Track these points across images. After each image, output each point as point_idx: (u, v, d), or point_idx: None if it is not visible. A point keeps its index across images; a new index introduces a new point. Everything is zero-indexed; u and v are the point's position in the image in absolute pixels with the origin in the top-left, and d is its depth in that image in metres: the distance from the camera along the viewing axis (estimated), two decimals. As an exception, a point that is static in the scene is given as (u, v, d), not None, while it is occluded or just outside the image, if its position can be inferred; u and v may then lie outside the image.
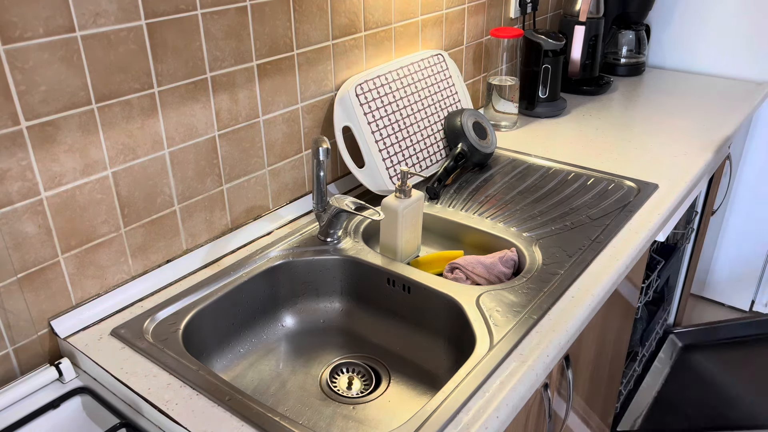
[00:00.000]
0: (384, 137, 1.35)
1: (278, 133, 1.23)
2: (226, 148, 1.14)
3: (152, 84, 0.99)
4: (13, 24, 0.81)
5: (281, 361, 1.13)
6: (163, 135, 1.03)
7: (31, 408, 0.87)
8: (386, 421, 1.01)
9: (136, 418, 0.87)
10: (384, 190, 1.34)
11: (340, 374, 1.10)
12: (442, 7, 1.56)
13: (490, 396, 0.86)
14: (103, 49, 0.91)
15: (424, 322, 1.13)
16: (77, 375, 0.94)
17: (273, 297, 1.18)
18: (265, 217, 1.26)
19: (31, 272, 0.92)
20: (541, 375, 0.92)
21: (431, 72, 1.49)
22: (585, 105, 1.93)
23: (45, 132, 0.88)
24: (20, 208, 0.88)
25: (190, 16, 1.01)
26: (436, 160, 1.47)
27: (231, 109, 1.13)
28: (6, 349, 0.92)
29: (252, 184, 1.22)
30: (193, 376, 0.89)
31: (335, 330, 1.19)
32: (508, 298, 1.05)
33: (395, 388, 1.07)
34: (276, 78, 1.19)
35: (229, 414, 0.83)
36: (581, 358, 1.19)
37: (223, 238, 1.19)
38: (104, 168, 0.97)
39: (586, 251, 1.17)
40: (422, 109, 1.45)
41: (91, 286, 1.01)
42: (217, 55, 1.07)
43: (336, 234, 1.22)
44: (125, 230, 1.03)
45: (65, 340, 0.96)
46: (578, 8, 1.91)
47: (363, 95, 1.32)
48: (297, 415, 1.01)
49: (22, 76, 0.84)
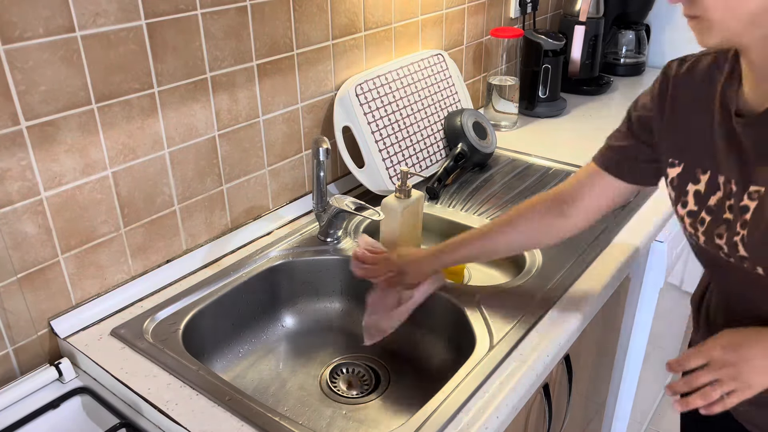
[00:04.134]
0: (384, 137, 1.35)
1: (278, 133, 1.23)
2: (226, 148, 1.14)
3: (152, 84, 0.99)
4: (13, 24, 0.81)
5: (281, 361, 1.13)
6: (163, 135, 1.03)
7: (31, 408, 0.87)
8: (386, 421, 1.01)
9: (136, 418, 0.87)
10: (384, 190, 1.34)
11: (340, 374, 1.10)
12: (442, 7, 1.56)
13: (490, 396, 0.86)
14: (103, 49, 0.91)
15: (424, 322, 1.13)
16: (77, 375, 0.94)
17: (273, 297, 1.17)
18: (265, 217, 1.26)
19: (31, 272, 0.92)
20: (541, 375, 0.92)
21: (431, 72, 1.49)
22: (585, 105, 1.93)
23: (45, 132, 0.88)
24: (20, 208, 0.88)
25: (190, 16, 1.01)
26: (436, 160, 1.47)
27: (231, 109, 1.13)
28: (6, 349, 0.92)
29: (252, 184, 1.22)
30: (193, 376, 0.89)
31: (335, 330, 1.19)
32: (508, 298, 1.05)
33: (395, 388, 1.07)
34: (276, 78, 1.19)
35: (229, 414, 0.83)
36: (581, 358, 1.19)
37: (223, 238, 1.19)
38: (104, 168, 0.97)
39: (587, 251, 1.17)
40: (422, 109, 1.45)
41: (91, 286, 1.00)
42: (217, 55, 1.07)
43: (336, 234, 1.22)
44: (125, 230, 1.03)
45: (65, 340, 0.96)
46: (578, 8, 1.91)
47: (363, 95, 1.32)
48: (297, 415, 1.01)
49: (22, 76, 0.84)
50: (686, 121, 0.83)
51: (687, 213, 0.84)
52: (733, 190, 0.77)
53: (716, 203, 0.80)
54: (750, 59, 0.73)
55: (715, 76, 0.80)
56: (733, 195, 0.77)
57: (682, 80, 0.84)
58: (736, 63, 0.78)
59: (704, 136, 0.81)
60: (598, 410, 1.49)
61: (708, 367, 0.77)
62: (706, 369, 0.77)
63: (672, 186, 0.87)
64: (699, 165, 0.82)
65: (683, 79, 0.84)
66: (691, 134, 0.83)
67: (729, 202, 0.78)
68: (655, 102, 0.87)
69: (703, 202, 0.82)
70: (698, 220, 0.83)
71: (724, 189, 0.79)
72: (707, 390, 0.76)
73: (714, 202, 0.80)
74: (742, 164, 0.76)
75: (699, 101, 0.81)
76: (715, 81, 0.80)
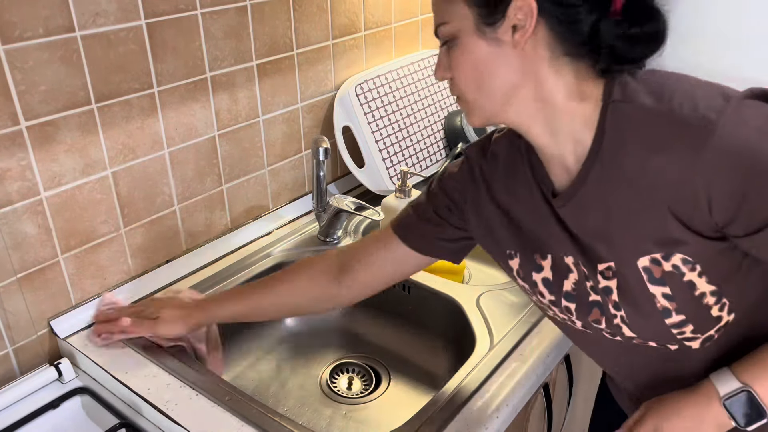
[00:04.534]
0: (384, 137, 1.35)
1: (278, 132, 1.23)
2: (226, 148, 1.14)
3: (152, 84, 0.99)
4: (13, 24, 0.81)
5: (281, 361, 1.12)
6: (162, 135, 1.03)
7: (31, 408, 0.87)
8: (386, 421, 1.01)
9: (136, 418, 0.87)
10: (384, 190, 1.34)
11: (340, 374, 1.10)
12: (442, 7, 1.56)
13: (490, 396, 0.86)
14: (103, 49, 0.91)
15: (424, 322, 1.13)
16: (77, 375, 0.94)
17: (273, 297, 1.17)
18: (265, 217, 1.26)
19: (31, 272, 0.92)
20: (541, 375, 0.92)
21: (431, 72, 1.49)
22: (585, 105, 1.92)
23: (45, 132, 0.88)
24: (20, 208, 0.88)
25: (190, 15, 1.01)
26: (436, 160, 1.47)
27: (231, 109, 1.13)
28: (6, 349, 0.92)
29: (252, 183, 1.22)
30: (193, 376, 0.89)
31: (335, 330, 1.19)
32: (509, 298, 1.05)
33: (395, 388, 1.07)
34: (276, 78, 1.19)
35: (229, 414, 0.83)
36: (581, 358, 1.19)
37: (223, 238, 1.19)
38: (104, 168, 0.97)
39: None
40: (422, 109, 1.45)
41: (90, 286, 1.00)
42: (217, 55, 1.07)
43: (336, 234, 1.22)
44: (125, 230, 1.03)
45: (65, 340, 0.96)
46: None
47: (363, 95, 1.32)
48: (297, 416, 1.01)
49: (22, 76, 0.84)
50: (508, 209, 0.76)
51: (549, 303, 0.77)
52: (585, 272, 0.71)
53: (574, 287, 0.73)
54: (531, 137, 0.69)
55: (518, 161, 0.75)
56: (589, 277, 0.71)
57: (488, 169, 0.78)
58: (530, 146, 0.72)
59: (531, 220, 0.74)
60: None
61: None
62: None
63: (520, 278, 0.78)
64: (536, 251, 0.75)
65: (489, 168, 0.78)
66: (517, 221, 0.76)
67: (589, 284, 0.71)
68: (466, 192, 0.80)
69: (557, 289, 0.74)
70: (563, 308, 0.75)
71: (577, 271, 0.72)
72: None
73: (570, 288, 0.73)
74: (579, 245, 0.70)
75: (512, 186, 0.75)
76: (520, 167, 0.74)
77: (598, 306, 0.72)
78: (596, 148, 0.65)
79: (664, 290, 0.66)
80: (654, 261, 0.65)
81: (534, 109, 0.66)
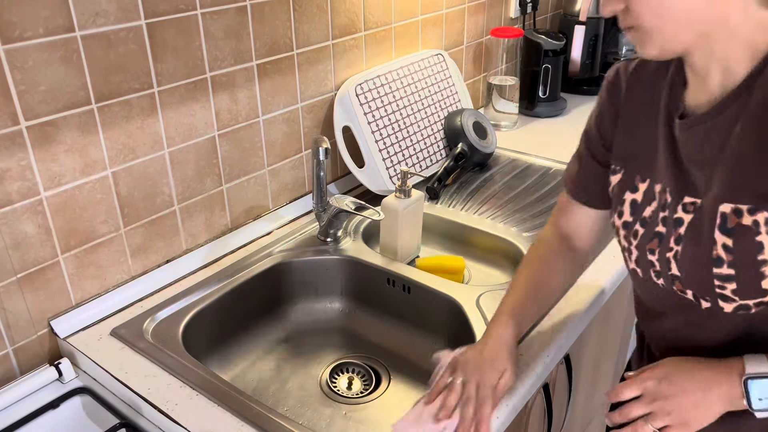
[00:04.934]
0: (384, 137, 1.35)
1: (278, 133, 1.23)
2: (226, 148, 1.14)
3: (152, 84, 0.99)
4: (13, 24, 0.81)
5: (281, 361, 1.12)
6: (162, 135, 1.03)
7: (31, 408, 0.87)
8: (386, 421, 1.00)
9: (136, 418, 0.87)
10: (384, 190, 1.34)
11: (340, 374, 1.10)
12: (442, 7, 1.56)
13: (490, 396, 0.86)
14: (103, 49, 0.91)
15: (424, 322, 1.13)
16: (77, 375, 0.94)
17: (273, 297, 1.17)
18: (265, 217, 1.26)
19: (30, 272, 0.92)
20: (541, 375, 0.92)
21: (431, 72, 1.49)
22: (585, 105, 1.92)
23: (45, 132, 0.88)
24: (20, 208, 0.88)
25: (190, 15, 1.01)
26: (436, 160, 1.47)
27: (231, 109, 1.13)
28: (6, 349, 0.92)
29: (252, 183, 1.22)
30: (193, 376, 0.89)
31: (335, 330, 1.19)
32: (508, 298, 1.05)
33: (395, 388, 1.07)
34: (276, 78, 1.19)
35: (229, 414, 0.83)
36: (581, 358, 1.19)
37: (222, 238, 1.19)
38: (104, 168, 0.97)
39: (586, 251, 1.16)
40: (422, 109, 1.45)
41: (90, 286, 1.00)
42: (217, 55, 1.07)
43: (336, 234, 1.22)
44: (125, 230, 1.03)
45: (65, 340, 0.96)
46: (578, 8, 1.91)
47: (363, 95, 1.32)
48: (297, 415, 1.01)
49: (22, 76, 0.84)
50: (632, 126, 0.79)
51: (622, 224, 0.80)
52: (667, 201, 0.73)
53: (650, 214, 0.76)
54: (691, 62, 0.70)
55: (660, 79, 0.77)
56: (668, 206, 0.73)
57: (630, 83, 0.80)
58: (680, 66, 0.74)
59: (647, 142, 0.77)
60: (598, 410, 1.49)
61: (642, 399, 0.71)
62: (640, 401, 0.71)
63: (612, 194, 0.82)
64: (638, 172, 0.78)
65: (631, 81, 0.80)
66: (635, 139, 0.79)
67: (663, 214, 0.74)
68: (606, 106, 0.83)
69: (638, 213, 0.77)
70: (632, 232, 0.78)
71: (659, 199, 0.75)
72: (639, 424, 0.71)
73: (649, 214, 0.76)
74: (678, 172, 0.72)
75: (645, 105, 0.78)
76: (660, 85, 0.76)
77: (659, 237, 0.74)
78: (750, 82, 0.65)
79: (726, 241, 0.67)
80: (736, 211, 0.66)
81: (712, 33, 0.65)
